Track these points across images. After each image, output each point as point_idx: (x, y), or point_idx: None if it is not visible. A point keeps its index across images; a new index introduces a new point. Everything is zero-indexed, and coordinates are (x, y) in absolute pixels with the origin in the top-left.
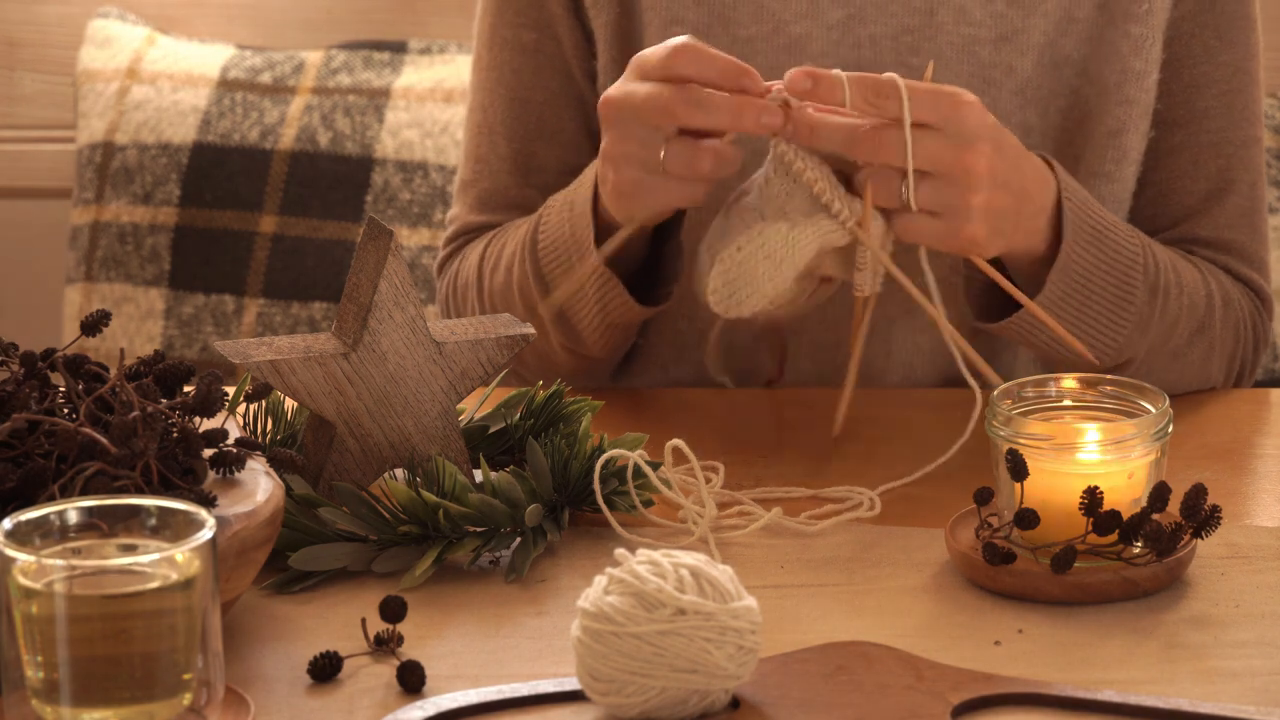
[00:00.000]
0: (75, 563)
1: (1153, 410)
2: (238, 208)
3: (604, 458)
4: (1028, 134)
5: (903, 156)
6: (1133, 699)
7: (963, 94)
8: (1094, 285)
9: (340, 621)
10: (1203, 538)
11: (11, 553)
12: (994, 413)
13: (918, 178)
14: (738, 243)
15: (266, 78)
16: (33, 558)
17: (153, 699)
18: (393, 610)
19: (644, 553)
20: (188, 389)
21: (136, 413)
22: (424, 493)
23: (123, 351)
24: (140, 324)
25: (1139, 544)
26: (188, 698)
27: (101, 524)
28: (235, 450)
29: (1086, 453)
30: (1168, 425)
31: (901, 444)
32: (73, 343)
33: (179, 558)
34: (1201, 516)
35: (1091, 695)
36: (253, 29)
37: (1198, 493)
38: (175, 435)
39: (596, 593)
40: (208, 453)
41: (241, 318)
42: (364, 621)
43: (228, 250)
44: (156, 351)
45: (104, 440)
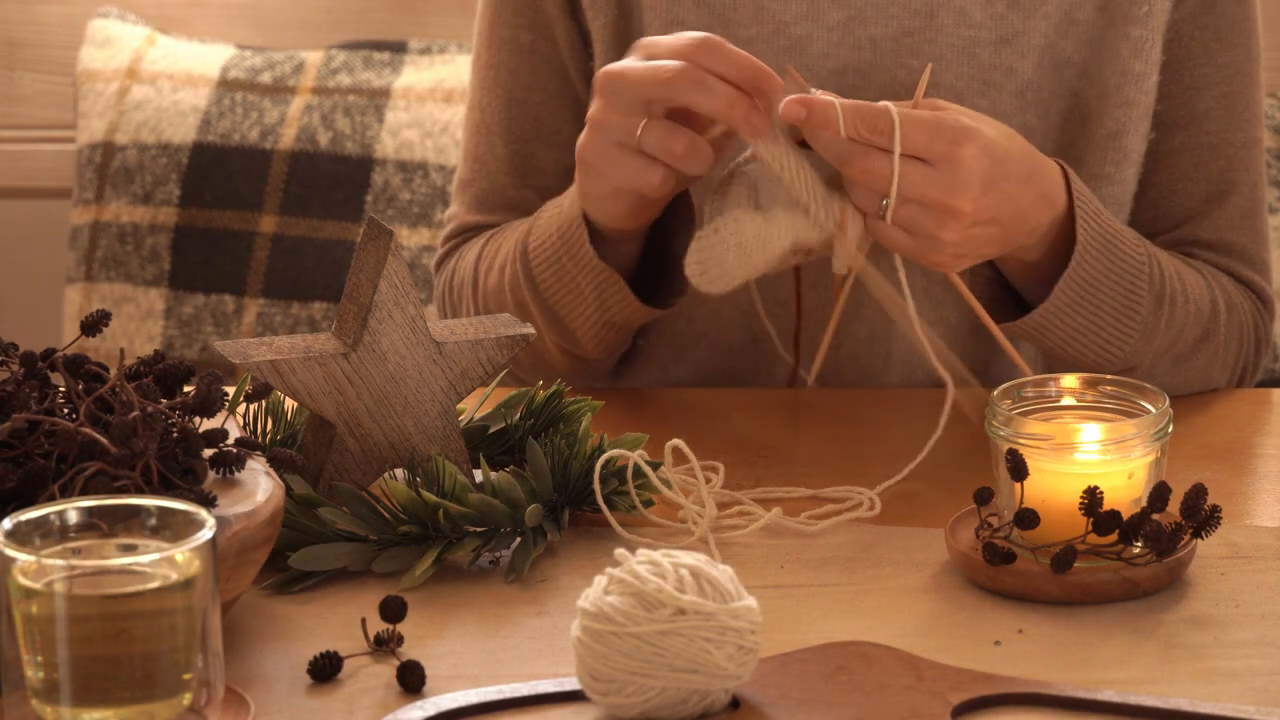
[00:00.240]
0: (75, 563)
1: (1153, 410)
2: (238, 208)
3: (604, 458)
4: (1028, 136)
5: (887, 183)
6: (1133, 699)
7: (965, 131)
8: (1101, 294)
9: (340, 621)
10: (1203, 538)
11: (11, 553)
12: (994, 413)
13: (900, 200)
14: (716, 224)
15: (266, 78)
16: (33, 558)
17: (153, 699)
18: (393, 610)
19: (644, 553)
20: (188, 389)
21: (136, 413)
22: (424, 493)
23: (123, 351)
24: (140, 324)
25: (1139, 544)
26: (188, 698)
27: (101, 524)
28: (235, 450)
29: (1086, 453)
30: (1168, 425)
31: (902, 444)
32: (73, 343)
33: (179, 558)
34: (1201, 516)
35: (1091, 695)
36: (253, 29)
37: (1198, 493)
38: (175, 435)
39: (596, 593)
40: (208, 453)
41: (241, 318)
42: (364, 621)
43: (228, 250)
44: (156, 351)
45: (104, 440)
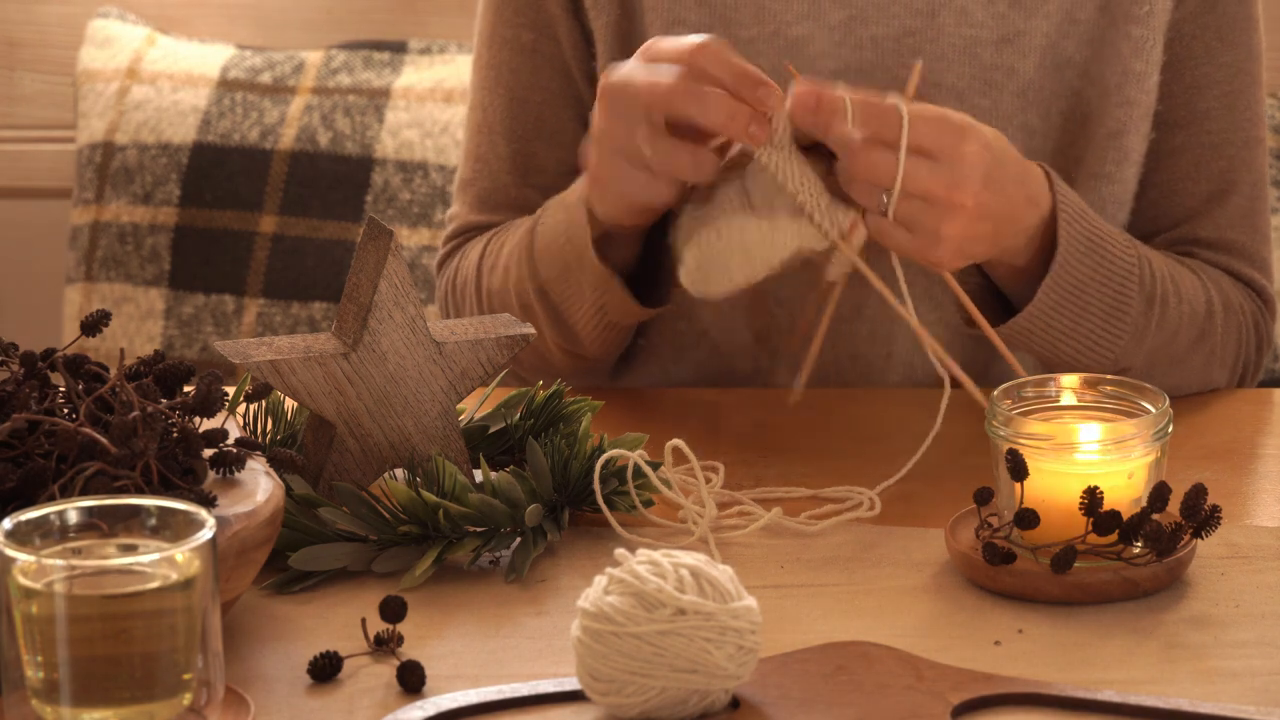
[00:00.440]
0: (75, 563)
1: (1153, 410)
2: (238, 208)
3: (604, 458)
4: (1029, 136)
5: (892, 179)
6: (1133, 699)
7: (968, 128)
8: (1088, 295)
9: (340, 621)
10: (1203, 538)
11: (11, 553)
12: (994, 413)
13: (902, 195)
14: (717, 227)
15: (266, 78)
16: (33, 558)
17: (153, 699)
18: (393, 610)
19: (644, 553)
20: (188, 389)
21: (136, 413)
22: (424, 493)
23: (123, 351)
24: (140, 324)
25: (1139, 544)
26: (188, 698)
27: (101, 524)
28: (235, 450)
29: (1086, 453)
30: (1168, 425)
31: (902, 444)
32: (73, 343)
33: (179, 558)
34: (1201, 516)
35: (1091, 695)
36: (253, 29)
37: (1198, 493)
38: (175, 435)
39: (596, 593)
40: (208, 453)
41: (241, 318)
42: (364, 621)
43: (228, 250)
44: (156, 351)
45: (104, 440)
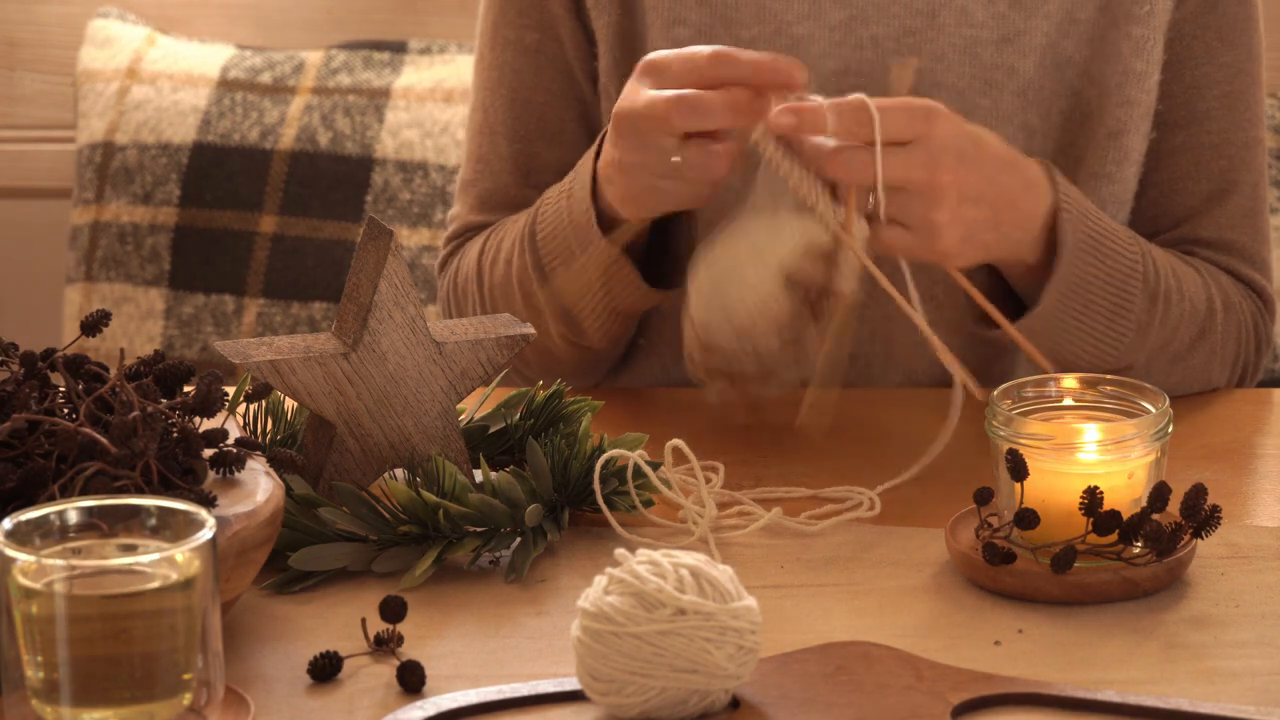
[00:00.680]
0: (75, 563)
1: (1153, 410)
2: (238, 208)
3: (604, 458)
4: (1030, 136)
5: (871, 174)
6: (1133, 699)
7: (937, 109)
8: (1093, 293)
9: (340, 621)
10: (1203, 538)
11: (11, 553)
12: (994, 413)
13: (888, 192)
14: (722, 240)
15: (266, 78)
16: (33, 558)
17: (153, 699)
18: (393, 610)
19: (644, 553)
20: (188, 389)
21: (136, 413)
22: (424, 493)
23: (123, 351)
24: (140, 324)
25: (1139, 544)
26: (188, 698)
27: (101, 524)
28: (235, 450)
29: (1086, 453)
30: (1168, 425)
31: (902, 444)
32: (73, 343)
33: (179, 558)
34: (1201, 516)
35: (1091, 695)
36: (253, 29)
37: (1198, 493)
38: (175, 435)
39: (596, 593)
40: (208, 453)
41: (241, 318)
42: (364, 621)
43: (228, 250)
44: (156, 351)
45: (104, 440)
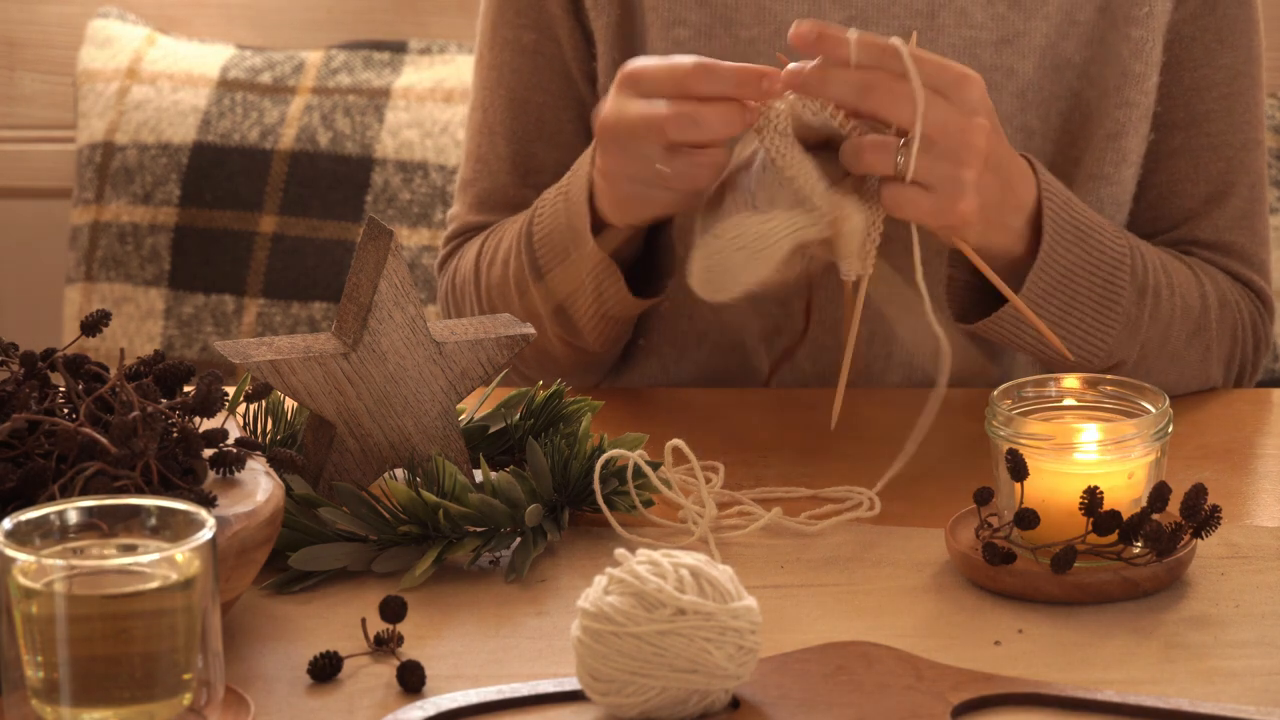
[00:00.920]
0: (75, 563)
1: (1153, 410)
2: (238, 208)
3: (604, 458)
4: (1029, 137)
5: (912, 116)
6: (1133, 699)
7: (968, 70)
8: (1078, 285)
9: (340, 621)
10: (1203, 538)
11: (11, 553)
12: (994, 413)
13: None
14: (717, 230)
15: (266, 78)
16: (33, 558)
17: (153, 699)
18: (393, 610)
19: (644, 553)
20: (188, 389)
21: (136, 413)
22: (424, 493)
23: (123, 351)
24: (140, 324)
25: (1139, 544)
26: (188, 698)
27: (101, 524)
28: (235, 450)
29: (1086, 453)
30: (1168, 425)
31: (902, 444)
32: (73, 343)
33: (179, 558)
34: (1201, 516)
35: (1091, 695)
36: (253, 29)
37: (1198, 493)
38: (175, 435)
39: (596, 593)
40: (208, 453)
41: (241, 318)
42: (364, 621)
43: (228, 250)
44: (156, 351)
45: (104, 440)
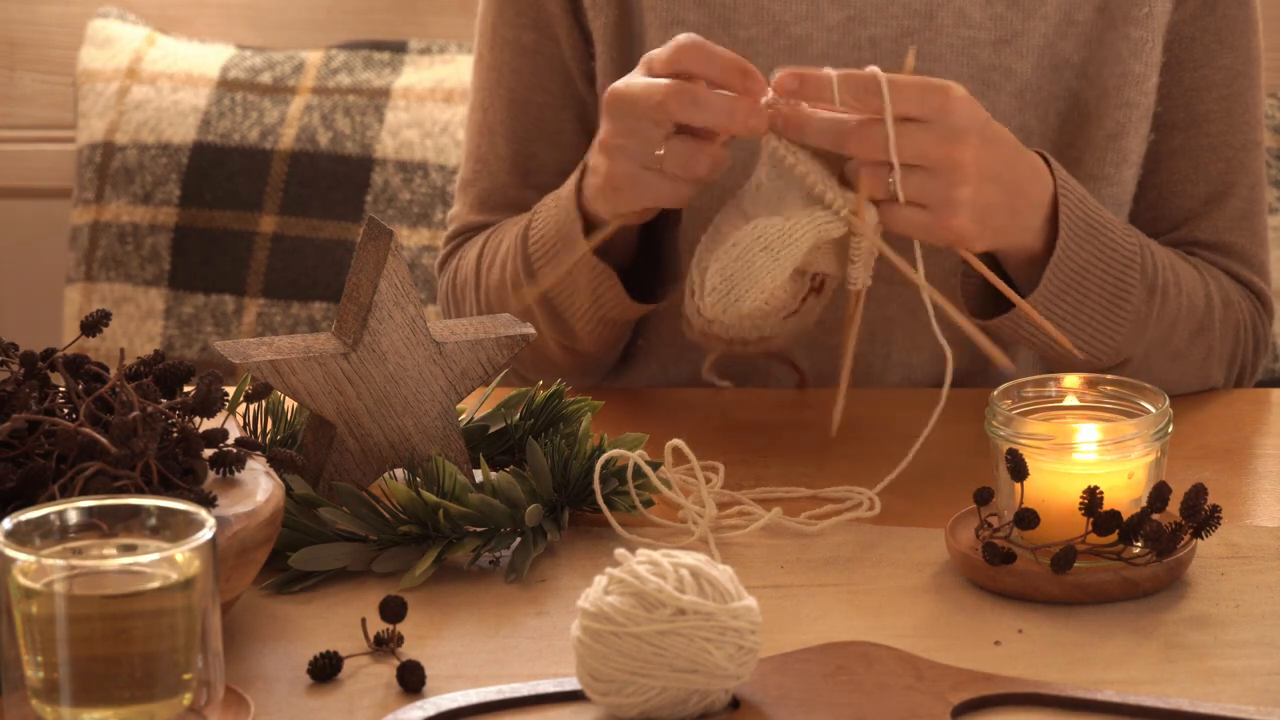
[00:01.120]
0: (75, 563)
1: (1153, 410)
2: (238, 208)
3: (604, 458)
4: (1027, 137)
5: (888, 150)
6: (1133, 699)
7: (952, 88)
8: (1090, 283)
9: (340, 621)
10: (1203, 538)
11: (11, 553)
12: (994, 413)
13: (905, 170)
14: (733, 239)
15: (266, 78)
16: (33, 558)
17: (153, 699)
18: (393, 610)
19: (644, 553)
20: (188, 389)
21: (136, 413)
22: (424, 493)
23: (123, 351)
24: (140, 324)
25: (1139, 544)
26: (188, 698)
27: (101, 524)
28: (235, 450)
29: (1086, 453)
30: (1168, 425)
31: (901, 444)
32: (73, 343)
33: (179, 558)
34: (1201, 516)
35: (1091, 695)
36: (253, 29)
37: (1198, 493)
38: (175, 435)
39: (596, 593)
40: (208, 453)
41: (241, 318)
42: (364, 621)
43: (228, 250)
44: (156, 351)
45: (104, 440)
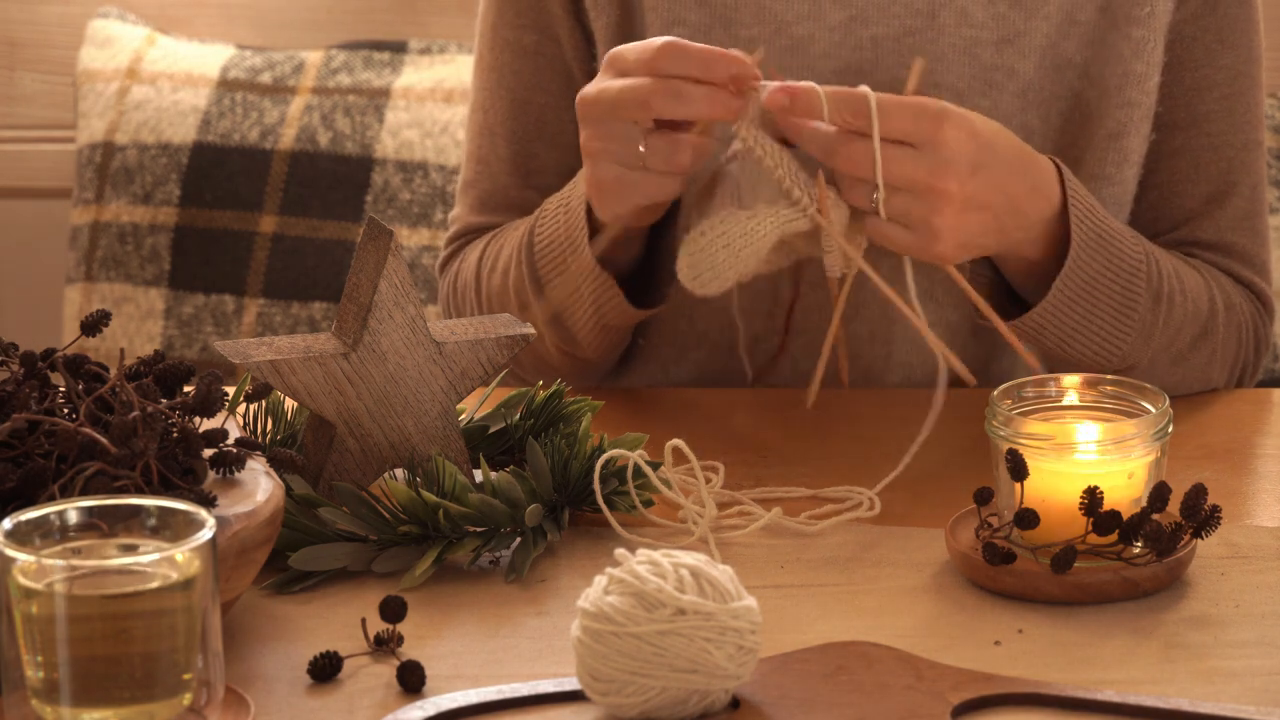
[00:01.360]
0: (75, 563)
1: (1153, 410)
2: (238, 208)
3: (604, 458)
4: (1029, 136)
5: (873, 169)
6: (1133, 699)
7: (947, 113)
8: (1099, 293)
9: (340, 621)
10: (1203, 538)
11: (11, 553)
12: (994, 413)
13: (890, 190)
14: (702, 226)
15: (266, 78)
16: (33, 558)
17: (153, 699)
18: (393, 610)
19: (644, 553)
20: (188, 389)
21: (136, 413)
22: (424, 493)
23: (123, 351)
24: (140, 324)
25: (1139, 544)
26: (188, 698)
27: (101, 524)
28: (235, 450)
29: (1086, 453)
30: (1168, 425)
31: (901, 444)
32: (73, 343)
33: (179, 558)
34: (1201, 516)
35: (1091, 695)
36: (253, 29)
37: (1198, 493)
38: (175, 435)
39: (596, 593)
40: (208, 453)
41: (241, 318)
42: (364, 621)
43: (228, 250)
44: (156, 351)
45: (104, 440)
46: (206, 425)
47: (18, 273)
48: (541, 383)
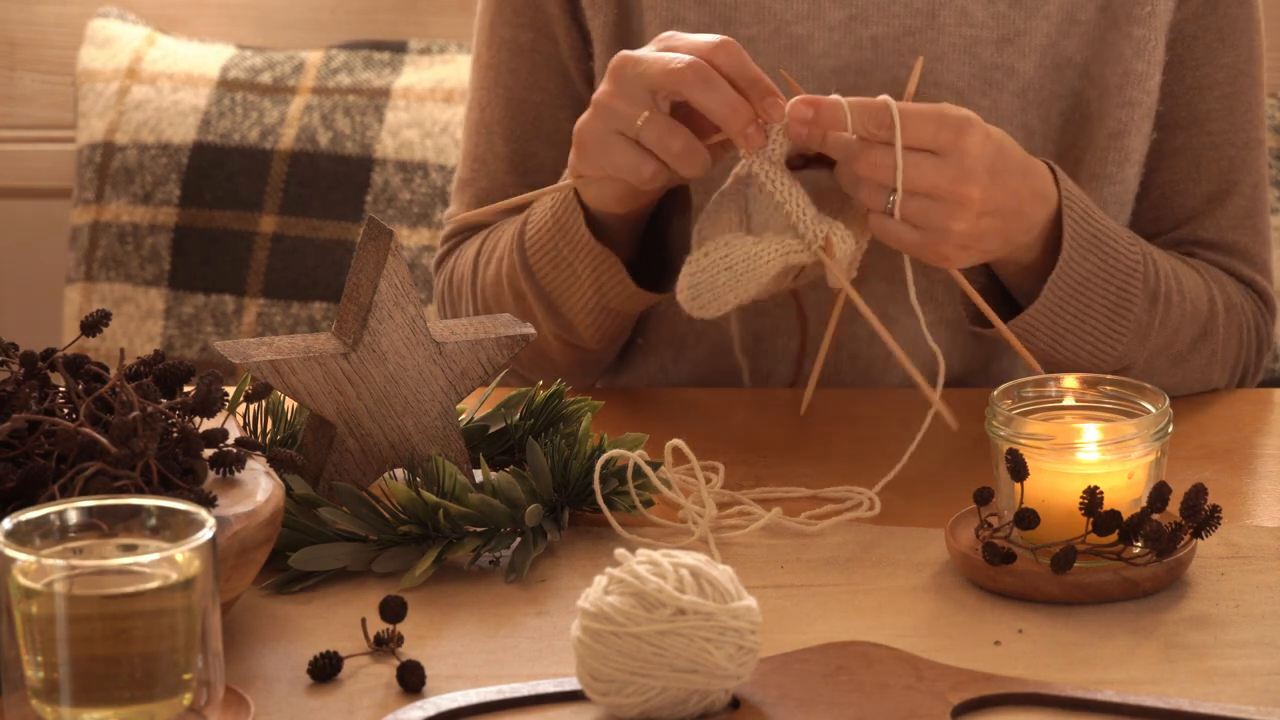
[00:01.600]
0: (75, 563)
1: (1153, 410)
2: (238, 208)
3: (604, 458)
4: (1029, 136)
5: (894, 176)
6: (1133, 699)
7: (970, 121)
8: (1093, 293)
9: (340, 621)
10: (1203, 538)
11: (11, 553)
12: (994, 413)
13: (908, 195)
14: (706, 247)
15: (266, 78)
16: (33, 558)
17: (153, 699)
18: (393, 610)
19: (644, 553)
20: (188, 389)
21: (136, 413)
22: (424, 493)
23: (123, 351)
24: (140, 324)
25: (1139, 544)
26: (188, 698)
27: (101, 524)
28: (235, 450)
29: (1086, 453)
30: (1168, 425)
31: (901, 444)
32: (73, 343)
33: (179, 558)
34: (1201, 516)
35: (1091, 695)
36: (253, 29)
37: (1198, 493)
38: (175, 435)
39: (596, 593)
40: (208, 453)
41: (241, 318)
42: (364, 621)
43: (228, 250)
44: (156, 351)
45: (104, 440)
46: (206, 425)
47: (18, 273)
48: (541, 383)
